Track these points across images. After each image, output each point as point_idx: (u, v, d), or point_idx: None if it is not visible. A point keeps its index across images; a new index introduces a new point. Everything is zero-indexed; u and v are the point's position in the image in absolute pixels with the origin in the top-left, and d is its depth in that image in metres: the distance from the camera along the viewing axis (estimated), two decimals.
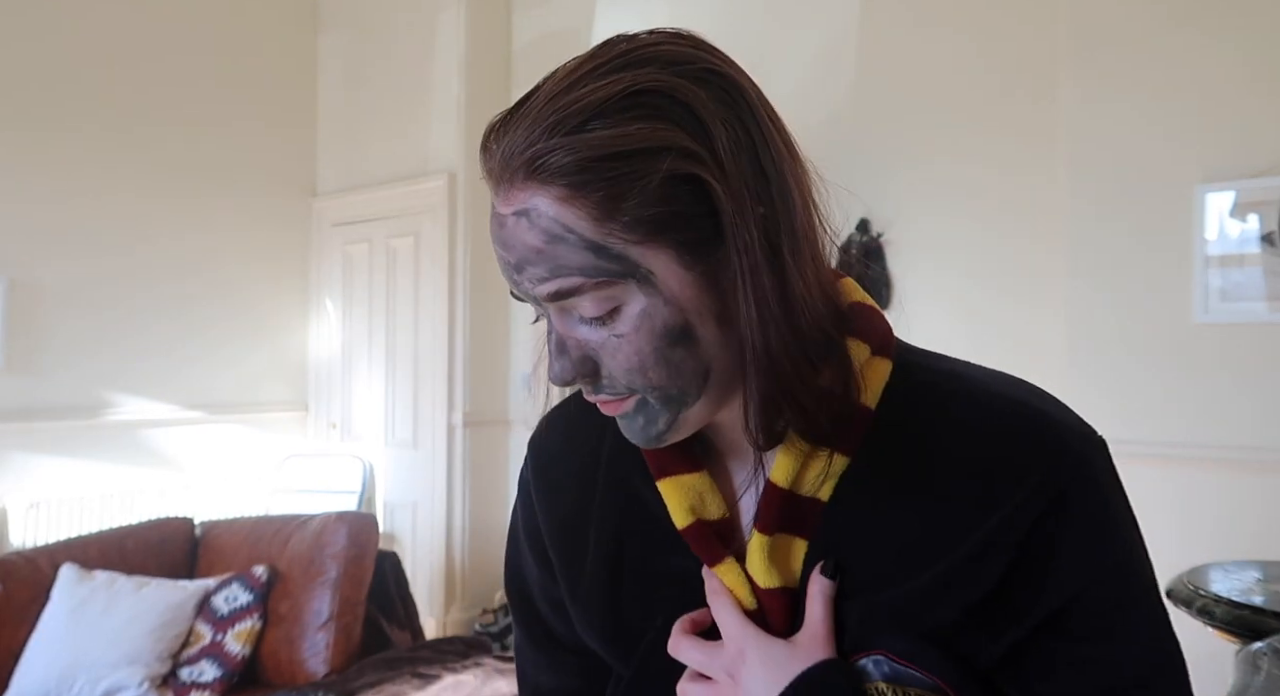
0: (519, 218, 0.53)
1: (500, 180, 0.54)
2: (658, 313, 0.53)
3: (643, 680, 0.63)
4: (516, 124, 0.53)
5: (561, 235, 0.52)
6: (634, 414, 0.56)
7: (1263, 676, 1.01)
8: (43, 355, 3.75)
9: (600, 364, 0.55)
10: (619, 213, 0.51)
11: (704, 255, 0.53)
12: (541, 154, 0.51)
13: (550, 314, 0.56)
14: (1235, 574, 1.72)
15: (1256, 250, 2.20)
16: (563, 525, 0.68)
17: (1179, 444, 2.26)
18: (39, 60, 3.77)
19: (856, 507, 0.58)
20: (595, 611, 0.65)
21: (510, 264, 0.54)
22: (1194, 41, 2.30)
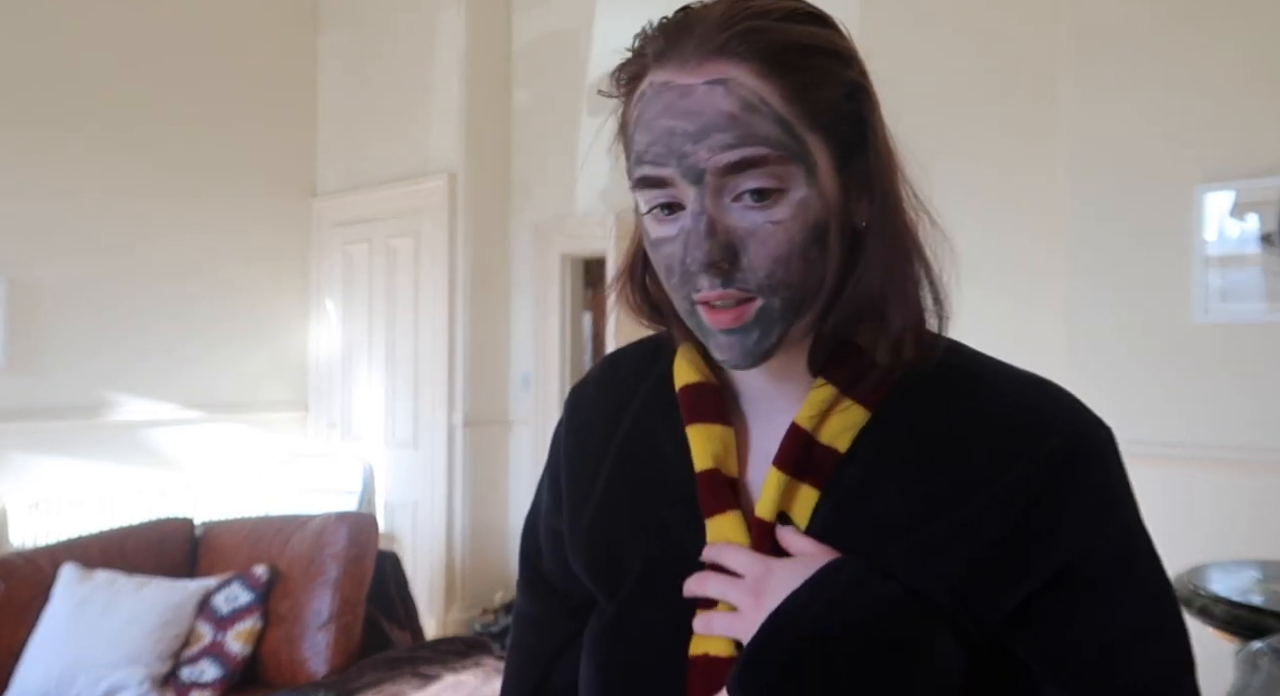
0: (713, 86, 0.54)
1: (686, 55, 0.55)
2: (812, 205, 0.55)
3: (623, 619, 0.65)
4: (703, 12, 0.56)
5: (758, 106, 0.53)
6: (751, 326, 0.57)
7: (1262, 676, 1.01)
8: (43, 355, 3.75)
9: (741, 255, 0.55)
10: (807, 100, 0.54)
11: (848, 161, 0.57)
12: (748, 32, 0.54)
13: (703, 194, 0.55)
14: (1235, 573, 1.72)
15: (1256, 250, 2.20)
16: (582, 457, 0.71)
17: (1179, 444, 2.26)
18: (39, 59, 3.77)
19: (871, 463, 0.60)
20: (588, 540, 0.67)
21: (688, 133, 0.54)
22: (1194, 42, 2.30)
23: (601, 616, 0.67)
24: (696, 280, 0.57)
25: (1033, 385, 0.62)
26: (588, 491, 0.69)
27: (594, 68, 4.11)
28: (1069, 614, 0.56)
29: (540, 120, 4.33)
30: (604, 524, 0.67)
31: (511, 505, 4.39)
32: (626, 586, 0.65)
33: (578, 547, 0.69)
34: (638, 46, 0.60)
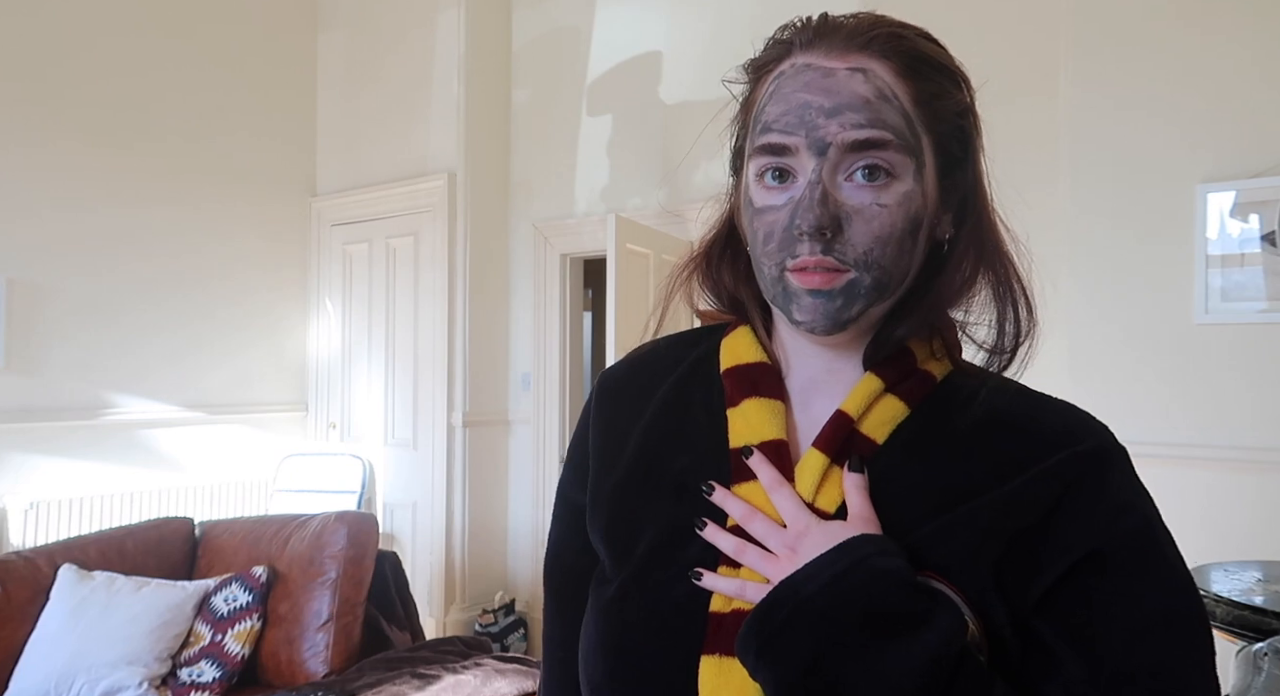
0: (854, 72, 0.60)
1: (833, 44, 0.62)
2: (914, 199, 0.61)
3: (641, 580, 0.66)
4: (856, 17, 0.63)
5: (890, 97, 0.60)
6: (838, 293, 0.61)
7: (1263, 676, 1.01)
8: (42, 355, 3.75)
9: (845, 228, 0.60)
10: (929, 106, 0.61)
11: (949, 173, 0.64)
12: (891, 37, 0.61)
13: (824, 168, 0.60)
14: (1236, 574, 1.72)
15: (1257, 250, 2.20)
16: (611, 432, 0.73)
17: (1179, 444, 2.26)
18: (39, 58, 3.77)
19: (904, 456, 0.63)
20: (609, 507, 0.70)
21: (823, 107, 0.60)
22: (1195, 42, 2.30)
23: (604, 587, 0.68)
24: (796, 246, 0.60)
25: (1069, 407, 0.66)
26: (614, 462, 0.71)
27: (594, 68, 4.11)
28: (1097, 595, 0.58)
29: (540, 120, 4.33)
30: (628, 491, 0.69)
31: (511, 505, 4.38)
32: (643, 549, 0.66)
33: (598, 514, 0.70)
34: (783, 36, 0.65)
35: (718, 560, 0.63)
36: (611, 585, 0.67)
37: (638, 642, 0.64)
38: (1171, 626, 0.59)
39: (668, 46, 3.86)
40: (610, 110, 4.06)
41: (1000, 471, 0.61)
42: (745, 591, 0.61)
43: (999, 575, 0.58)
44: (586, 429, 0.75)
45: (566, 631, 0.73)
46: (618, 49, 4.03)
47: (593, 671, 0.66)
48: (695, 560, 0.63)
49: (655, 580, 0.65)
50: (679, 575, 0.64)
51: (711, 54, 3.72)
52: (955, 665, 0.55)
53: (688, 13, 3.81)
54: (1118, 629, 0.58)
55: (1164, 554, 0.61)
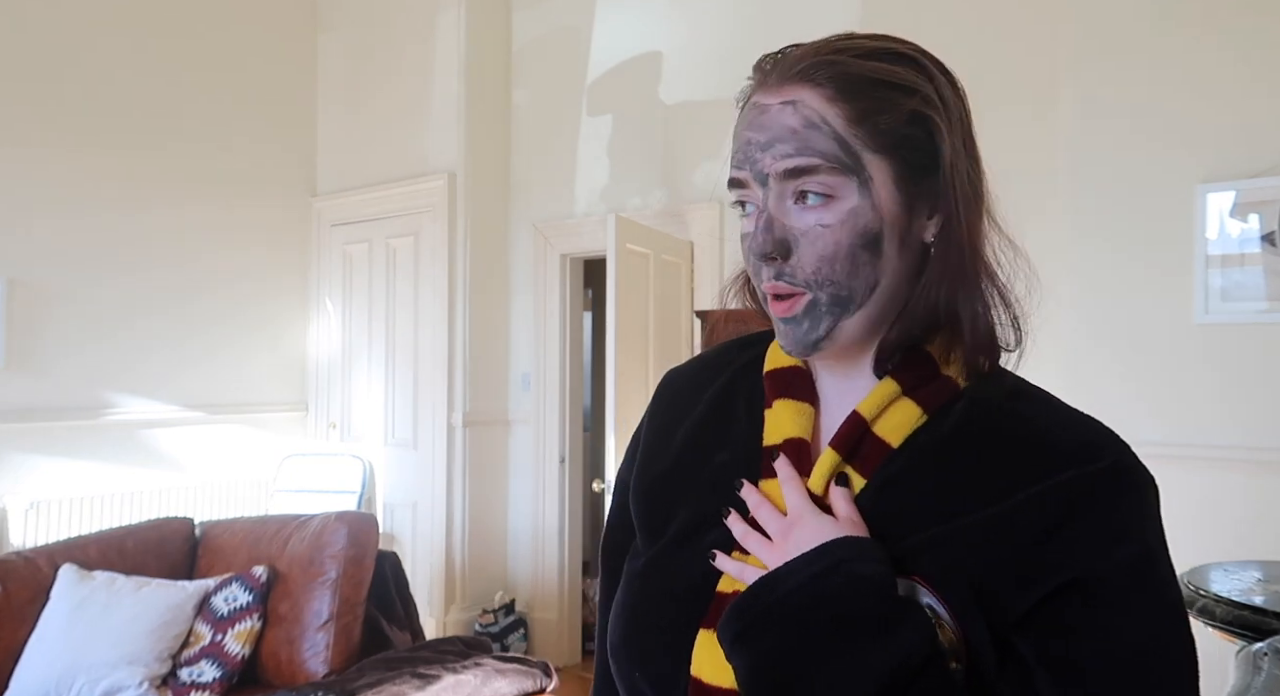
0: (785, 106, 0.64)
1: (771, 81, 0.66)
2: (863, 214, 0.63)
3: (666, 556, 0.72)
4: (799, 49, 0.67)
5: (818, 124, 0.63)
6: (801, 318, 0.65)
7: (1263, 676, 1.01)
8: (43, 355, 3.75)
9: (793, 251, 0.64)
10: (868, 123, 0.63)
11: (915, 181, 0.65)
12: (824, 63, 0.64)
13: (768, 195, 0.65)
14: (1235, 574, 1.72)
15: (1257, 250, 2.20)
16: (665, 423, 0.80)
17: (1180, 443, 2.26)
18: (39, 58, 3.77)
19: (916, 460, 0.65)
20: (651, 488, 0.77)
21: (759, 143, 0.64)
22: (1194, 43, 2.30)
23: (634, 560, 0.75)
24: (761, 271, 0.66)
25: (1093, 422, 0.66)
26: (664, 449, 0.78)
27: (594, 68, 4.11)
28: (1079, 622, 0.58)
29: (540, 120, 4.33)
30: (669, 480, 0.76)
31: (511, 505, 4.38)
32: (672, 531, 0.72)
33: (640, 493, 0.77)
34: (749, 77, 0.69)
35: (733, 547, 0.68)
36: (640, 560, 0.74)
37: (652, 612, 0.70)
38: (1155, 660, 0.58)
39: (668, 46, 3.86)
40: (610, 110, 4.06)
41: (1010, 483, 0.61)
42: (744, 574, 0.65)
43: (980, 590, 0.59)
44: (645, 420, 0.83)
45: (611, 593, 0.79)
46: (618, 49, 4.03)
47: (612, 634, 0.73)
48: (714, 544, 0.68)
49: (677, 558, 0.71)
50: (698, 556, 0.69)
51: (711, 54, 3.72)
52: (915, 676, 0.56)
53: (688, 13, 3.81)
54: (1097, 664, 0.57)
55: (1160, 593, 0.59)
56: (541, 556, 4.22)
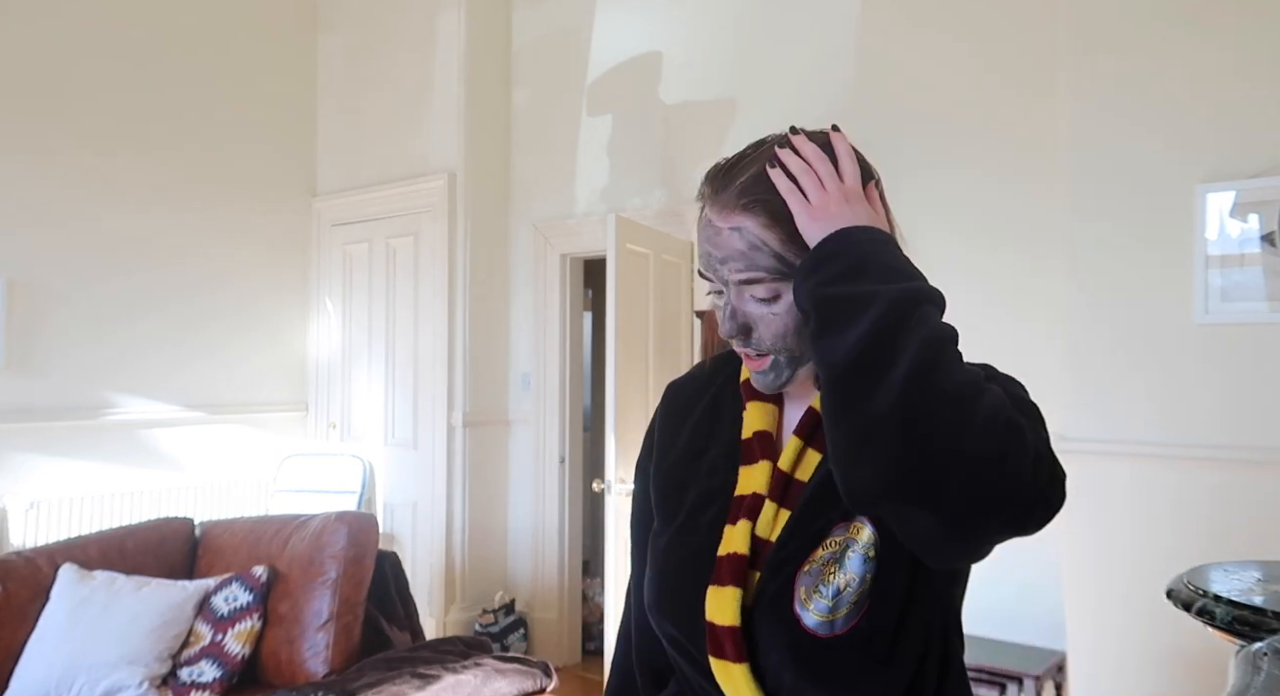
0: (734, 231, 0.84)
1: (722, 205, 0.85)
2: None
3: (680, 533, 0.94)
4: (742, 171, 0.85)
5: (760, 246, 0.83)
6: (769, 371, 0.88)
7: (1263, 676, 1.01)
8: (43, 355, 3.75)
9: (754, 330, 0.86)
10: (797, 242, 0.81)
11: None
12: (760, 200, 0.83)
13: (730, 293, 0.86)
14: (1235, 574, 1.72)
15: (1257, 250, 2.20)
16: (672, 424, 1.03)
17: (1179, 444, 2.26)
18: (39, 58, 3.77)
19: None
20: (664, 477, 0.99)
21: (717, 258, 0.85)
22: (1194, 41, 2.30)
23: (661, 535, 0.96)
24: (733, 341, 0.88)
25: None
26: (672, 445, 1.01)
27: (594, 68, 4.11)
28: None
29: (540, 120, 4.33)
30: (676, 469, 0.99)
31: (511, 505, 4.38)
32: (683, 511, 0.94)
33: (657, 482, 1.00)
34: (702, 184, 0.88)
35: (728, 519, 0.89)
36: (662, 537, 0.95)
37: (673, 575, 0.92)
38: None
39: (668, 46, 3.86)
40: (610, 110, 4.06)
41: None
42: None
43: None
44: (657, 420, 1.06)
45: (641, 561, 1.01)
46: (618, 49, 4.03)
47: (647, 596, 0.95)
48: (712, 520, 0.91)
49: (687, 532, 0.93)
50: (701, 529, 0.91)
51: (711, 54, 3.72)
52: (929, 295, 0.76)
53: (688, 13, 3.81)
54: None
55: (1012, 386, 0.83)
56: (541, 556, 4.22)
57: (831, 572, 0.82)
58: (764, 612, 0.84)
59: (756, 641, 0.84)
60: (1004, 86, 2.98)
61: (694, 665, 0.90)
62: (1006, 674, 2.60)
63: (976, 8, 3.06)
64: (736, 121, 3.61)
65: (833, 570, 0.82)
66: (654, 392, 3.40)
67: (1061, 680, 2.66)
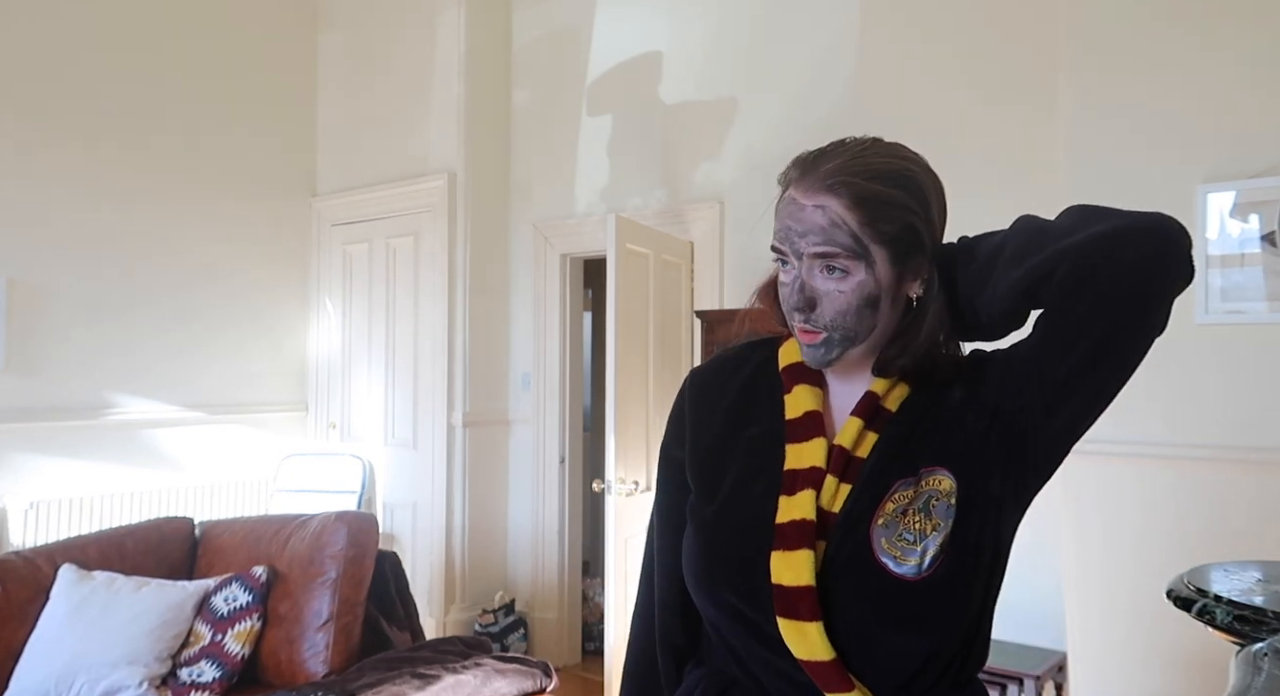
0: (818, 208, 0.91)
1: (806, 184, 0.93)
2: (867, 285, 0.92)
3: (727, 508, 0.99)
4: (829, 160, 0.93)
5: (840, 224, 0.91)
6: (820, 346, 0.94)
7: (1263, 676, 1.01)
8: (43, 355, 3.75)
9: (818, 305, 0.93)
10: (874, 226, 0.91)
11: (904, 261, 0.93)
12: (845, 183, 0.91)
13: (802, 266, 0.93)
14: (1235, 574, 1.72)
15: (1257, 250, 2.20)
16: (703, 409, 1.08)
17: (1179, 444, 2.26)
18: (39, 58, 3.77)
19: (907, 417, 0.97)
20: (702, 459, 1.04)
21: (797, 231, 0.92)
22: (1194, 42, 2.30)
23: (702, 511, 1.01)
24: (794, 315, 0.95)
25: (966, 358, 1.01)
26: (708, 429, 1.05)
27: (594, 68, 4.11)
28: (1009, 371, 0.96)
29: (540, 120, 4.33)
30: (715, 450, 1.04)
31: (511, 505, 4.38)
32: (727, 486, 1.00)
33: (696, 464, 1.04)
34: (787, 170, 0.97)
35: (782, 490, 0.95)
36: (708, 509, 1.00)
37: (729, 543, 0.97)
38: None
39: (668, 46, 3.86)
40: (610, 110, 4.06)
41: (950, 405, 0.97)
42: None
43: (963, 456, 0.94)
44: (683, 405, 1.10)
45: (672, 545, 1.05)
46: (618, 49, 4.02)
47: (696, 565, 0.99)
48: (764, 492, 0.97)
49: (738, 503, 0.98)
50: (754, 499, 0.97)
51: (711, 54, 3.72)
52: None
53: (688, 13, 3.81)
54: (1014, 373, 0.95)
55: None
56: (541, 556, 4.21)
57: (914, 521, 0.90)
58: (843, 570, 0.91)
59: (831, 599, 0.90)
60: (1004, 86, 2.98)
61: (751, 630, 0.94)
62: (1006, 674, 2.59)
63: (976, 8, 3.06)
64: (736, 121, 3.61)
65: (915, 519, 0.91)
66: (654, 393, 3.40)
67: (1061, 680, 2.66)
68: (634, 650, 1.11)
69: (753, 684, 0.96)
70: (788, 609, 0.90)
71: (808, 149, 0.97)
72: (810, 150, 0.96)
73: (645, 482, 3.21)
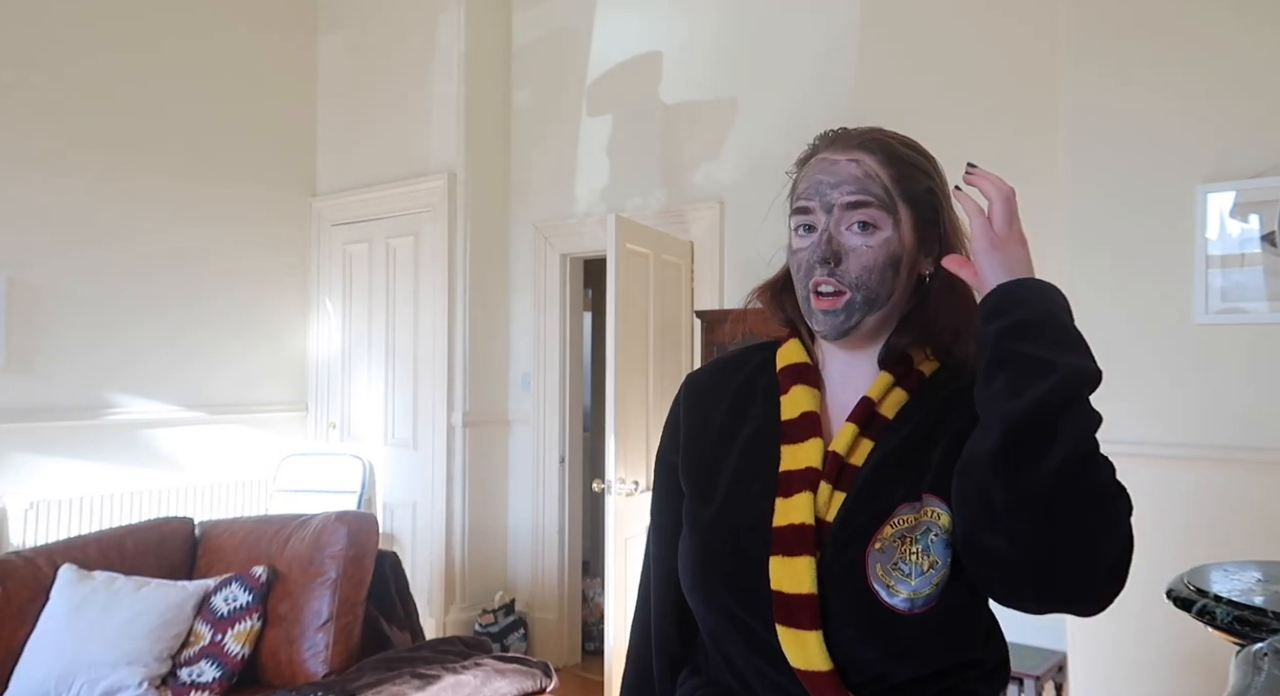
0: (851, 161, 0.93)
1: (838, 145, 0.95)
2: (892, 243, 0.92)
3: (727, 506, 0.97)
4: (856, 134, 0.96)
5: (873, 176, 0.93)
6: (840, 311, 0.92)
7: (1263, 676, 1.01)
8: (42, 355, 3.75)
9: (844, 260, 0.92)
10: (903, 183, 0.93)
11: (923, 230, 0.95)
12: (878, 141, 0.95)
13: (831, 219, 0.92)
14: (1235, 574, 1.72)
15: (1257, 250, 2.20)
16: (699, 414, 1.06)
17: (1179, 444, 2.26)
18: (39, 58, 3.77)
19: (903, 426, 0.94)
20: (697, 463, 1.02)
21: (829, 183, 0.93)
22: (1195, 42, 2.30)
23: (698, 514, 0.98)
24: (814, 271, 0.93)
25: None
26: (704, 433, 1.04)
27: (594, 68, 4.11)
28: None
29: (540, 120, 4.33)
30: (710, 452, 1.02)
31: (511, 505, 4.38)
32: (722, 489, 0.97)
33: (689, 468, 1.03)
34: (813, 143, 0.99)
35: (777, 492, 0.93)
36: (704, 512, 0.97)
37: (725, 545, 0.94)
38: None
39: (668, 46, 3.86)
40: (610, 110, 4.06)
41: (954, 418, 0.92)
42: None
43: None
44: (677, 410, 1.08)
45: (668, 551, 1.04)
46: (618, 49, 4.02)
47: (692, 569, 0.96)
48: (759, 494, 0.94)
49: (734, 505, 0.96)
50: (750, 500, 0.95)
51: (711, 54, 3.72)
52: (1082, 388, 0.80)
53: (688, 13, 3.81)
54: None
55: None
56: (541, 556, 4.22)
57: (912, 552, 0.86)
58: (837, 586, 0.87)
59: (828, 612, 0.87)
60: (1003, 86, 2.98)
61: (748, 638, 0.91)
62: None
63: (977, 8, 3.06)
64: (736, 121, 3.61)
65: (912, 550, 0.86)
66: (654, 393, 3.40)
67: (1061, 680, 2.66)
68: (633, 660, 1.10)
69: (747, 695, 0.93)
70: (787, 616, 0.87)
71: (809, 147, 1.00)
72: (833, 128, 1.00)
73: (645, 483, 3.21)
